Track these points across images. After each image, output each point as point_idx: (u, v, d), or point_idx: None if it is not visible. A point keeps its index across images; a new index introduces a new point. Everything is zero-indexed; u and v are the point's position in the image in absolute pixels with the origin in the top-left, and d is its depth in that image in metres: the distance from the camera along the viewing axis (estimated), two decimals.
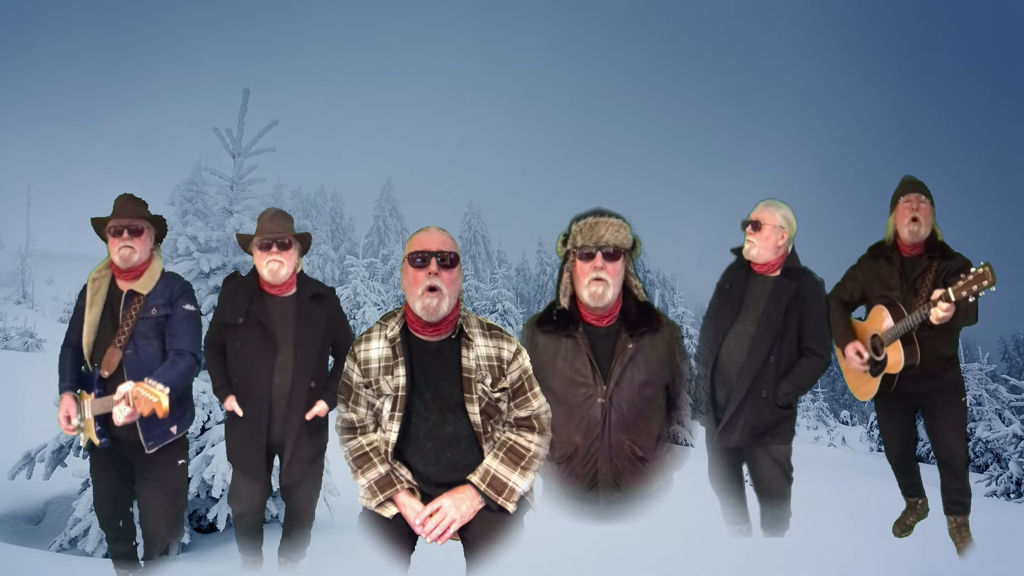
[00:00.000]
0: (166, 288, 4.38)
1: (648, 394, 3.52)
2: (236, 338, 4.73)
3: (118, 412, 3.96)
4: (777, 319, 4.45)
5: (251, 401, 4.71)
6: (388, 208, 68.85)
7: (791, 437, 4.59)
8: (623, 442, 3.49)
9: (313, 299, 4.84)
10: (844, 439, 34.94)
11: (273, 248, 4.65)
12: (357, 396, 3.27)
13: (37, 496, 9.00)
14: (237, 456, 4.83)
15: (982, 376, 26.92)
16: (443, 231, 3.25)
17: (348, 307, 24.73)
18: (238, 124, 8.64)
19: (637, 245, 3.57)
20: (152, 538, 4.47)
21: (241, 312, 4.70)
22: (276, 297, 4.76)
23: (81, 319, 4.33)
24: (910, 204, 4.78)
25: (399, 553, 3.14)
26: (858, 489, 13.52)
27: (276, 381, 4.69)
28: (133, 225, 4.30)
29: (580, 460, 3.53)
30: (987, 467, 22.40)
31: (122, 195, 4.42)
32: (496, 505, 3.12)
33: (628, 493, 3.53)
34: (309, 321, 4.78)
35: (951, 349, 4.84)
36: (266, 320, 4.69)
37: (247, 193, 8.88)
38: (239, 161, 8.74)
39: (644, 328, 3.53)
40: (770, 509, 4.67)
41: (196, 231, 8.62)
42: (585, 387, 3.50)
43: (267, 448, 4.79)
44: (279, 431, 4.75)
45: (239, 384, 4.75)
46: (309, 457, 4.88)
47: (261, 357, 4.69)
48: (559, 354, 3.56)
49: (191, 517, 8.34)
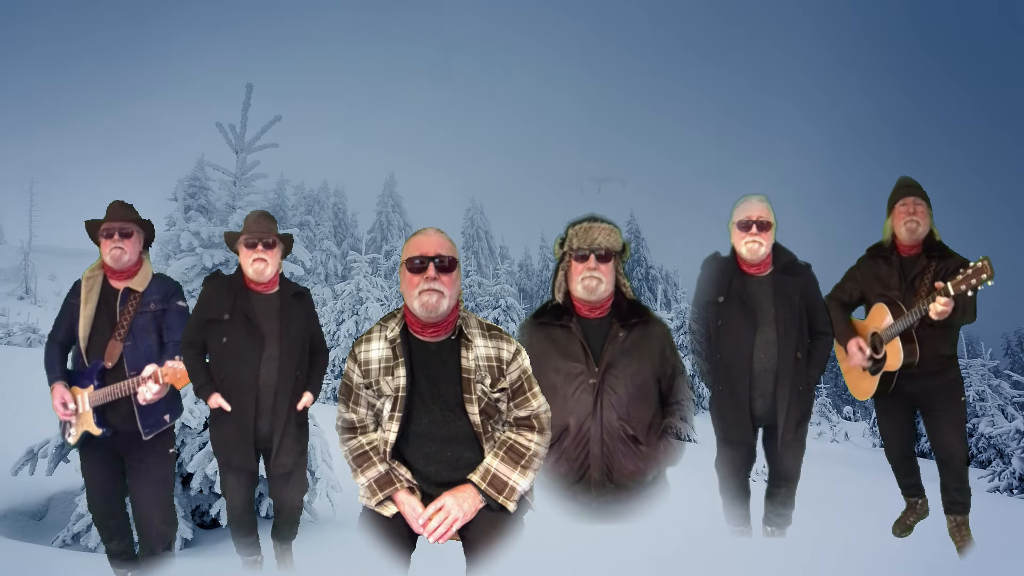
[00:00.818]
0: (160, 286, 4.66)
1: (640, 380, 3.68)
2: (222, 333, 4.85)
3: (145, 391, 4.20)
4: (793, 319, 4.54)
5: (237, 395, 4.84)
6: (391, 204, 68.86)
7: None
8: (615, 421, 3.60)
9: (295, 296, 5.06)
10: (847, 435, 34.94)
11: (259, 247, 4.88)
12: (358, 396, 3.27)
13: (40, 492, 9.00)
14: (225, 451, 4.95)
15: (985, 372, 26.98)
16: (440, 233, 3.25)
17: (351, 302, 24.77)
18: (241, 120, 8.65)
19: (627, 249, 3.81)
20: (147, 530, 4.55)
21: (227, 308, 4.86)
22: (261, 294, 4.96)
23: (69, 316, 4.56)
24: (906, 207, 4.81)
25: (399, 553, 3.14)
26: (861, 485, 13.52)
27: (263, 373, 4.85)
28: (123, 228, 4.56)
29: (571, 441, 3.63)
30: (990, 463, 22.43)
31: (114, 201, 4.66)
32: (497, 504, 3.12)
33: (620, 484, 3.59)
34: (292, 316, 4.99)
35: (950, 348, 4.85)
36: (252, 315, 4.87)
37: (250, 189, 8.88)
38: (242, 157, 8.74)
39: (635, 320, 3.75)
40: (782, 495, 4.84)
41: (199, 227, 8.62)
42: (578, 370, 3.68)
43: (255, 442, 4.91)
44: (267, 423, 4.88)
45: (224, 379, 4.86)
46: (298, 448, 5.03)
47: (249, 351, 4.84)
48: (554, 342, 3.76)
49: (194, 512, 8.35)
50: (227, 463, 4.98)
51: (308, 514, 8.54)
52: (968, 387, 26.49)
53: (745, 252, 4.57)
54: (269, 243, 4.90)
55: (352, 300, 25.09)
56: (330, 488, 8.23)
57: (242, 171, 8.78)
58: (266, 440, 4.92)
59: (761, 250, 4.54)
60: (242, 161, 8.75)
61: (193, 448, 7.76)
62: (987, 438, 23.85)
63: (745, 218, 4.57)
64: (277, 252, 4.96)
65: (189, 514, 8.03)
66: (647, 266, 68.82)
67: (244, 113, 8.66)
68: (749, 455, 4.80)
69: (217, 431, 4.96)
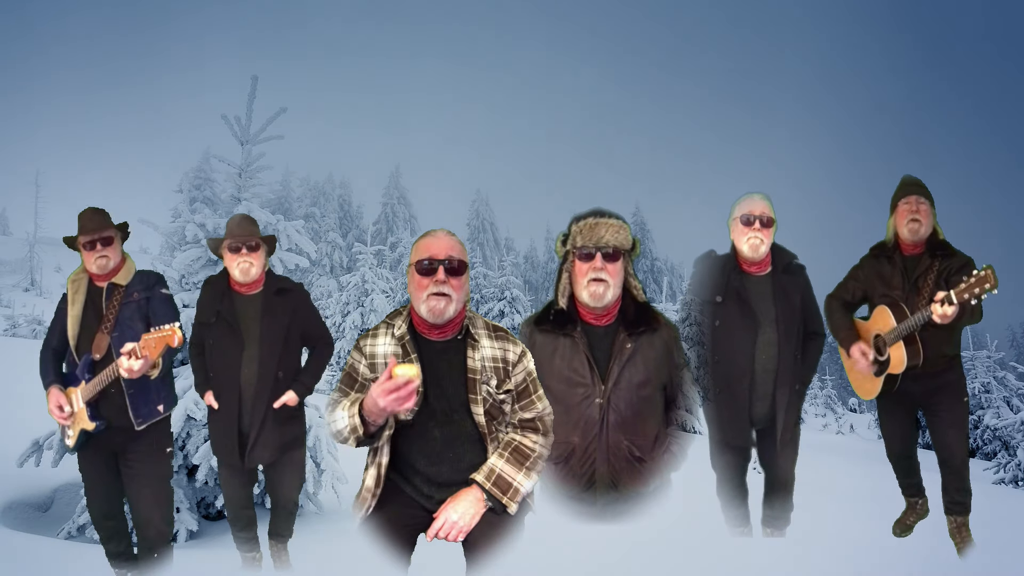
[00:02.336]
0: (143, 278, 4.69)
1: (646, 394, 3.51)
2: (210, 336, 5.15)
3: (129, 364, 4.12)
4: (793, 320, 4.53)
5: (223, 394, 5.09)
6: (396, 195, 68.97)
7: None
8: (621, 442, 3.47)
9: (277, 293, 5.22)
10: (852, 427, 34.88)
11: (243, 250, 5.07)
12: (362, 386, 3.22)
13: (45, 484, 9.01)
14: (217, 447, 5.23)
15: (990, 364, 26.91)
16: (451, 235, 3.23)
17: (356, 294, 24.77)
18: (246, 111, 8.65)
19: (636, 246, 3.59)
20: (145, 530, 4.56)
21: (213, 312, 5.13)
22: (244, 295, 5.16)
23: (62, 322, 4.61)
24: (909, 206, 4.76)
25: (399, 553, 3.11)
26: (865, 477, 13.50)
27: (244, 373, 5.06)
28: (103, 236, 4.58)
29: (578, 460, 3.51)
30: (995, 455, 22.43)
31: (86, 209, 4.67)
32: (500, 505, 3.10)
33: (625, 493, 3.51)
34: (273, 315, 5.15)
35: (953, 349, 4.82)
36: (232, 318, 5.09)
37: (255, 180, 8.88)
38: (247, 148, 8.74)
39: (642, 328, 3.53)
40: (779, 499, 4.78)
41: (204, 219, 8.62)
42: (583, 387, 3.50)
43: (240, 438, 5.09)
44: (248, 420, 5.07)
45: (214, 379, 5.14)
46: (275, 444, 5.15)
47: (231, 352, 5.07)
48: (557, 353, 3.56)
49: (199, 504, 8.36)
50: (219, 457, 5.26)
51: (314, 506, 8.56)
52: (974, 379, 26.45)
53: (747, 249, 4.54)
54: (252, 246, 5.09)
55: (357, 292, 25.10)
56: (336, 480, 8.25)
57: (247, 163, 8.78)
58: (247, 435, 5.10)
59: (762, 248, 4.51)
60: (247, 153, 8.75)
61: (199, 440, 7.77)
62: (992, 430, 23.84)
63: (748, 213, 4.53)
64: (261, 253, 5.15)
65: (194, 505, 8.04)
66: (652, 258, 68.86)
67: (249, 105, 8.65)
68: (746, 457, 4.82)
69: (211, 428, 5.27)
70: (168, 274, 8.70)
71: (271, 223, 8.70)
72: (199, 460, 7.53)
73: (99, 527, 4.69)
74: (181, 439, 7.97)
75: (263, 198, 9.32)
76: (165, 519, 4.64)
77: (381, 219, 66.83)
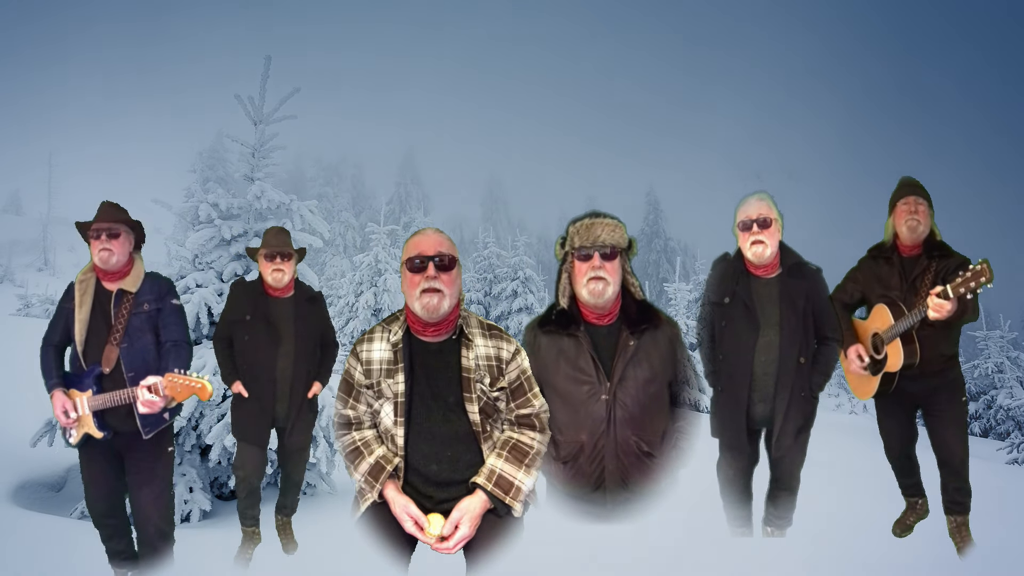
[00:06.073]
0: (153, 285, 4.69)
1: (652, 390, 3.53)
2: (244, 332, 5.69)
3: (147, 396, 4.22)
4: (798, 323, 4.49)
5: (258, 383, 5.66)
6: (409, 175, 69.07)
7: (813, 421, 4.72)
8: (629, 438, 3.49)
9: (308, 301, 5.90)
10: (865, 407, 34.81)
11: (277, 259, 5.67)
12: (358, 394, 3.28)
13: (58, 463, 9.08)
14: (244, 430, 5.73)
15: (1003, 343, 26.84)
16: (439, 232, 3.28)
17: (370, 274, 24.76)
18: (260, 91, 8.65)
19: (633, 245, 3.64)
20: (146, 529, 4.57)
21: (248, 310, 5.69)
22: (278, 299, 5.76)
23: (64, 319, 4.60)
24: (908, 207, 4.78)
25: (399, 553, 3.13)
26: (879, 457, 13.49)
27: (280, 366, 5.68)
28: (112, 229, 4.57)
29: (586, 458, 3.52)
30: (1008, 435, 22.39)
31: (104, 202, 4.72)
32: (505, 507, 3.12)
33: (636, 492, 3.52)
34: (306, 318, 5.82)
35: (951, 348, 4.82)
36: (270, 316, 5.68)
37: (268, 160, 8.91)
38: (260, 128, 8.75)
39: (644, 325, 3.56)
40: (782, 500, 4.80)
41: (217, 198, 8.65)
42: (589, 385, 3.52)
43: (272, 422, 5.73)
44: (283, 408, 5.72)
45: (247, 370, 5.69)
46: (309, 429, 5.92)
47: (268, 347, 5.66)
48: (561, 353, 3.58)
49: (212, 484, 8.40)
50: (244, 438, 5.73)
51: (327, 486, 8.60)
52: (987, 359, 26.43)
53: (751, 255, 4.53)
54: (286, 255, 5.70)
55: (371, 272, 25.05)
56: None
57: (261, 142, 8.79)
58: (283, 420, 5.75)
59: (767, 251, 4.49)
60: (261, 132, 8.76)
61: (211, 420, 7.81)
62: (1005, 410, 23.82)
63: (745, 219, 4.53)
64: (292, 262, 5.75)
65: (208, 485, 8.09)
66: (666, 238, 68.85)
67: (263, 85, 8.67)
68: (750, 459, 4.79)
69: (238, 413, 5.73)
70: (181, 253, 8.74)
71: (284, 203, 8.72)
72: (212, 440, 7.56)
73: (99, 525, 4.68)
74: (194, 419, 8.00)
75: (276, 177, 9.34)
76: (165, 518, 4.64)
77: (394, 199, 66.96)
